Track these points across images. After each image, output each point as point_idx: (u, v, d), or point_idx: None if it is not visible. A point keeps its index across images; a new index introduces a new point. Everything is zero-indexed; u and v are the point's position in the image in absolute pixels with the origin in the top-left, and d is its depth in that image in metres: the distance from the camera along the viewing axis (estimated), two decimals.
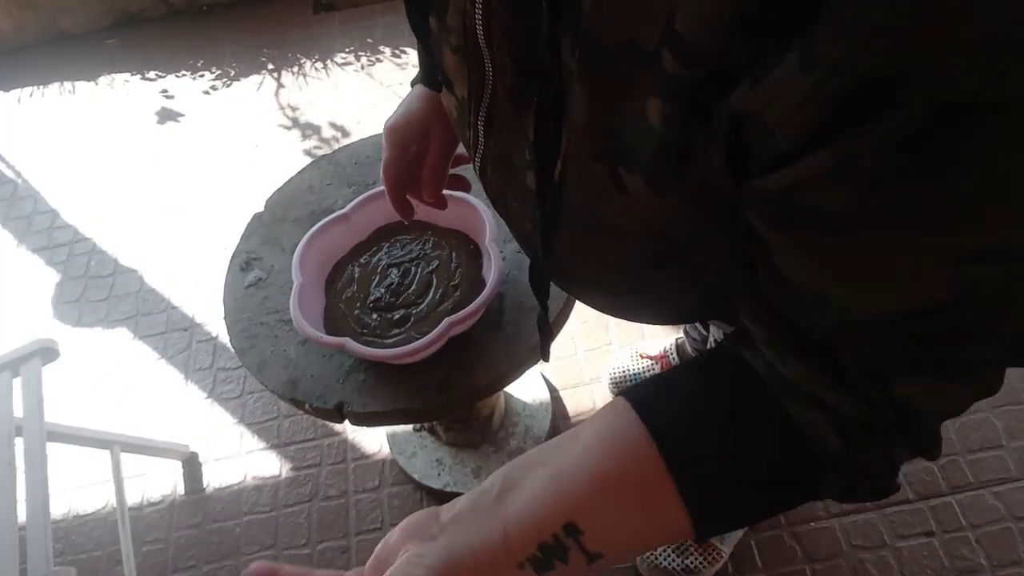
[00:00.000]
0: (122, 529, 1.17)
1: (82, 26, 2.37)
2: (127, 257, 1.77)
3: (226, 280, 0.92)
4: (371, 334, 0.80)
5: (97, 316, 1.66)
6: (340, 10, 2.33)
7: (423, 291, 0.83)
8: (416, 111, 0.66)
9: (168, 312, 1.64)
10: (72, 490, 1.40)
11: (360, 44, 2.21)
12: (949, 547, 1.16)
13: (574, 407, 1.39)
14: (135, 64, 2.28)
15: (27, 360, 1.11)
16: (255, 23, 2.33)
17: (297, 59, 2.20)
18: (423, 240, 0.88)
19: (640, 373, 1.34)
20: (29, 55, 2.35)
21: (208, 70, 2.22)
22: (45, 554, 0.91)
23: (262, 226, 0.97)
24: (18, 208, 1.93)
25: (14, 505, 0.98)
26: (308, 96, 2.09)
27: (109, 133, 2.09)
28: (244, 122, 2.05)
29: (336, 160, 1.03)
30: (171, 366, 1.55)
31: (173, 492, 1.38)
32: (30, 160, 2.05)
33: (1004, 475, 1.21)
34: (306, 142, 1.97)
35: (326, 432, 1.41)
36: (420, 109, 0.66)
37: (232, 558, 1.28)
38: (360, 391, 0.78)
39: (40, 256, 1.81)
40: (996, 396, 0.30)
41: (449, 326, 0.74)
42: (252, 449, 1.41)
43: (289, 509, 1.33)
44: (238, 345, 0.85)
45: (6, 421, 1.05)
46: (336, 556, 1.26)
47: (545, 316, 0.61)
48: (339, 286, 0.86)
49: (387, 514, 1.30)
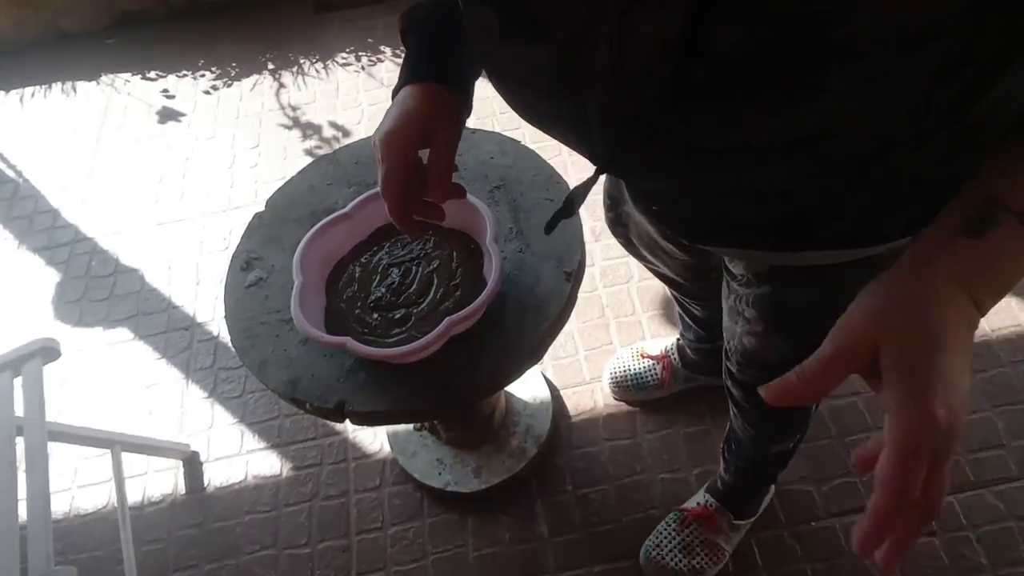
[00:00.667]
0: (123, 528, 1.17)
1: (82, 26, 2.37)
2: (128, 257, 1.77)
3: (227, 280, 0.92)
4: (372, 333, 0.80)
5: (98, 316, 1.66)
6: (340, 10, 2.32)
7: (424, 290, 0.83)
8: (414, 111, 0.59)
9: (169, 312, 1.65)
10: (73, 489, 1.40)
11: (360, 44, 2.21)
12: (950, 547, 1.16)
13: (574, 407, 1.39)
14: (135, 64, 2.28)
15: (28, 360, 1.11)
16: (255, 23, 2.33)
17: (297, 59, 2.20)
18: (424, 240, 0.88)
19: (641, 372, 1.34)
20: (29, 55, 2.35)
21: (208, 70, 2.22)
22: (46, 553, 0.91)
23: (263, 226, 0.97)
24: (19, 208, 1.93)
25: (15, 504, 0.98)
26: (308, 96, 2.09)
27: (110, 133, 2.09)
28: (244, 122, 2.05)
29: (336, 160, 1.03)
30: (172, 366, 1.55)
31: (174, 491, 1.38)
32: (31, 160, 2.05)
33: (1005, 475, 1.21)
34: (306, 142, 1.97)
35: (327, 431, 1.41)
36: (418, 109, 0.60)
37: (233, 557, 1.28)
38: (361, 390, 0.78)
39: (41, 256, 1.81)
40: (996, 396, 0.30)
41: (450, 325, 0.74)
42: (253, 448, 1.41)
43: (290, 508, 1.33)
44: (239, 344, 0.85)
45: (7, 421, 1.05)
46: (337, 555, 1.26)
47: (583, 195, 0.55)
48: (340, 286, 0.86)
49: (387, 513, 1.30)
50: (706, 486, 1.21)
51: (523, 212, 0.91)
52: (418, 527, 1.28)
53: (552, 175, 0.94)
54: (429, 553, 1.25)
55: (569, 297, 0.83)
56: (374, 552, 1.26)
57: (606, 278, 1.56)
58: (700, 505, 1.18)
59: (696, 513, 1.17)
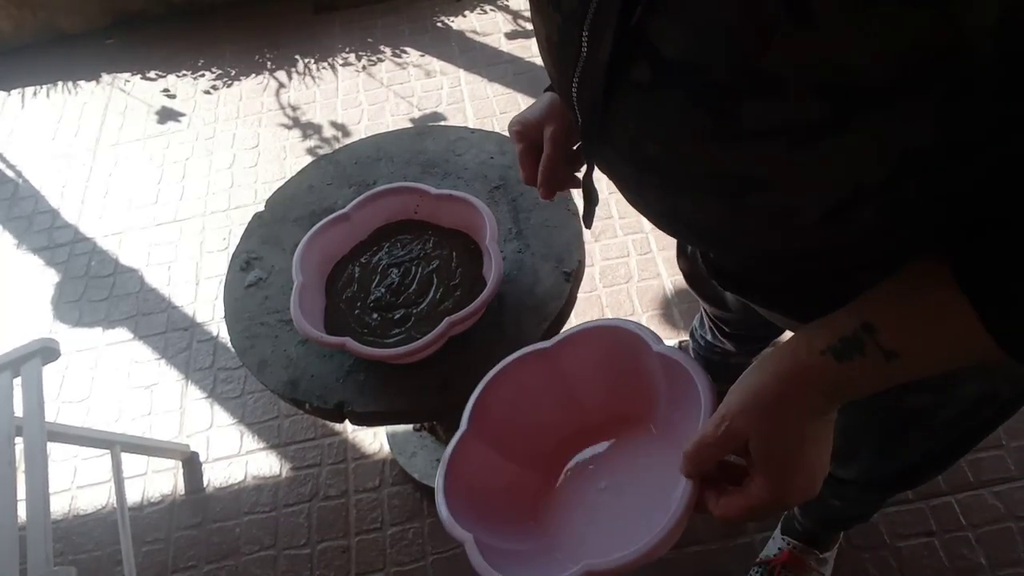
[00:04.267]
0: (122, 529, 1.17)
1: (82, 26, 2.37)
2: (128, 257, 1.77)
3: (226, 280, 0.92)
4: (371, 334, 0.80)
5: (98, 316, 1.66)
6: (340, 10, 2.33)
7: (423, 291, 0.83)
8: (535, 107, 0.68)
9: (168, 312, 1.65)
10: (72, 490, 1.40)
11: (360, 44, 2.21)
12: (949, 547, 1.16)
13: None
14: (135, 64, 2.28)
15: (27, 360, 1.11)
16: (255, 23, 2.33)
17: (297, 59, 2.20)
18: (423, 240, 0.88)
19: None
20: (29, 55, 2.36)
21: (208, 70, 2.22)
22: (45, 554, 0.91)
23: (262, 226, 0.97)
24: (19, 208, 1.93)
25: (14, 505, 0.98)
26: (308, 96, 2.09)
27: (110, 133, 2.09)
28: (244, 122, 2.05)
29: (336, 160, 1.03)
30: (171, 366, 1.55)
31: (173, 492, 1.38)
32: (31, 160, 2.05)
33: (1004, 475, 1.21)
34: (306, 142, 1.97)
35: (326, 432, 1.41)
36: (539, 106, 0.68)
37: (232, 558, 1.28)
38: (360, 391, 0.78)
39: (41, 256, 1.81)
40: None
41: (449, 326, 0.74)
42: (252, 449, 1.41)
43: (289, 509, 1.33)
44: (238, 345, 0.85)
45: (6, 421, 1.05)
46: (336, 556, 1.26)
47: (591, 178, 0.60)
48: (339, 286, 0.86)
49: (387, 514, 1.30)
50: (780, 527, 1.16)
51: (523, 212, 0.91)
52: (417, 527, 1.28)
53: None
54: (428, 554, 1.25)
55: (568, 297, 0.83)
56: (373, 553, 1.26)
57: (606, 278, 1.56)
58: (782, 551, 1.12)
59: (781, 560, 1.12)
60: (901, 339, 0.38)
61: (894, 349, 0.38)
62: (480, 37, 2.16)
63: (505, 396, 0.62)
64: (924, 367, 0.39)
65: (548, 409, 0.63)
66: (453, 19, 2.23)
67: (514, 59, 2.07)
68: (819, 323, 0.41)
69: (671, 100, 0.35)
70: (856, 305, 0.40)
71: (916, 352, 0.38)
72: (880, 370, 0.39)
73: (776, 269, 0.52)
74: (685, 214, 0.43)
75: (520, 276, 0.85)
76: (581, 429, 0.64)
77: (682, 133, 0.36)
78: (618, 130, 0.41)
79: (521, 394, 0.63)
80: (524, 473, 0.62)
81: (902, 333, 0.38)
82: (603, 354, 0.61)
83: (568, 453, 0.64)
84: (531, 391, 0.63)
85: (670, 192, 0.42)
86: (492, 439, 0.61)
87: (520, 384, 0.62)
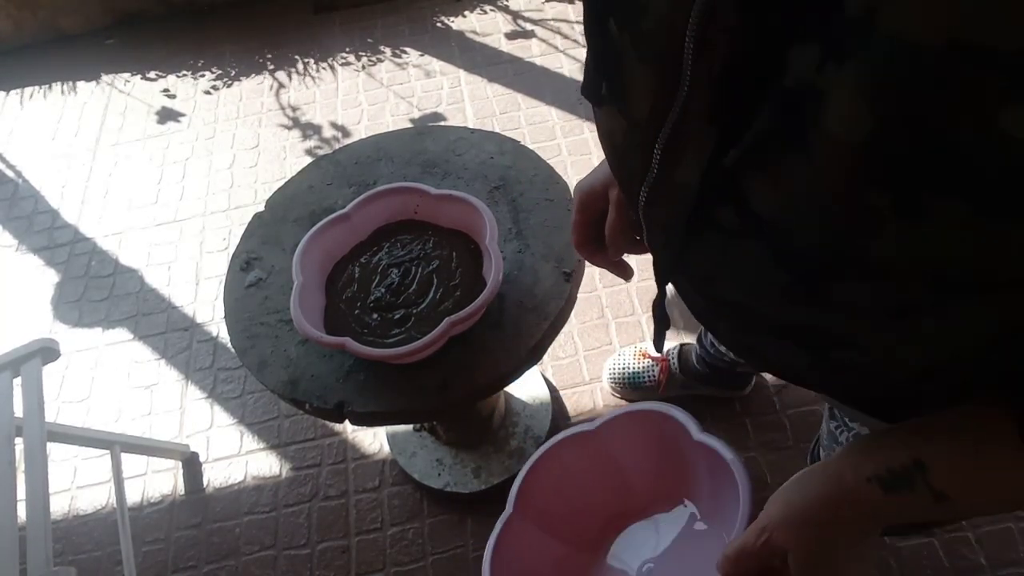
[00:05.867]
0: (122, 529, 1.17)
1: (81, 26, 2.37)
2: (127, 257, 1.77)
3: (226, 280, 0.92)
4: (371, 334, 0.80)
5: (97, 316, 1.66)
6: (340, 10, 2.33)
7: (423, 291, 0.83)
8: (602, 172, 0.63)
9: (168, 312, 1.64)
10: (72, 490, 1.40)
11: (360, 44, 2.21)
12: (949, 547, 1.16)
13: (574, 407, 1.39)
14: (135, 64, 2.28)
15: (27, 360, 1.10)
16: (255, 23, 2.33)
17: (297, 59, 2.20)
18: (423, 240, 0.88)
19: (638, 372, 1.34)
20: (29, 55, 2.35)
21: (208, 70, 2.22)
22: (45, 554, 0.91)
23: (262, 226, 0.97)
24: (19, 208, 1.93)
25: (14, 505, 0.97)
26: (308, 96, 2.09)
27: (110, 133, 2.09)
28: (244, 122, 2.05)
29: (337, 160, 1.03)
30: (171, 366, 1.55)
31: (173, 492, 1.38)
32: (31, 160, 2.05)
33: None
34: (306, 142, 1.97)
35: (326, 432, 1.41)
36: (605, 170, 0.63)
37: (232, 558, 1.28)
38: (360, 391, 0.78)
39: (40, 256, 1.81)
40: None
41: (449, 326, 0.74)
42: (252, 449, 1.41)
43: (289, 509, 1.33)
44: (238, 345, 0.85)
45: (6, 421, 1.05)
46: (336, 556, 1.26)
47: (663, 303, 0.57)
48: (339, 286, 0.86)
49: (387, 514, 1.30)
50: None
51: (523, 212, 0.91)
52: (417, 528, 1.28)
53: (552, 175, 0.94)
54: (429, 554, 1.25)
55: (568, 297, 0.83)
56: (373, 553, 1.26)
57: (605, 278, 1.56)
58: None
59: None
60: (953, 483, 0.37)
61: (944, 491, 0.37)
62: (480, 37, 2.16)
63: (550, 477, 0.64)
64: (974, 511, 0.39)
65: (594, 490, 0.65)
66: (453, 19, 2.23)
67: (514, 59, 2.07)
68: (867, 447, 0.40)
69: (756, 253, 0.35)
70: (908, 437, 0.39)
71: (967, 497, 0.37)
72: (928, 507, 0.38)
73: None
74: (760, 351, 0.44)
75: (520, 276, 0.85)
76: (626, 510, 0.65)
77: (764, 287, 0.36)
78: (693, 263, 0.41)
79: (566, 476, 0.64)
80: (570, 552, 0.64)
81: (955, 476, 0.37)
82: (646, 437, 0.62)
83: (612, 532, 0.65)
84: (577, 473, 0.64)
85: (746, 332, 0.42)
86: (538, 519, 0.63)
87: (565, 466, 0.64)
